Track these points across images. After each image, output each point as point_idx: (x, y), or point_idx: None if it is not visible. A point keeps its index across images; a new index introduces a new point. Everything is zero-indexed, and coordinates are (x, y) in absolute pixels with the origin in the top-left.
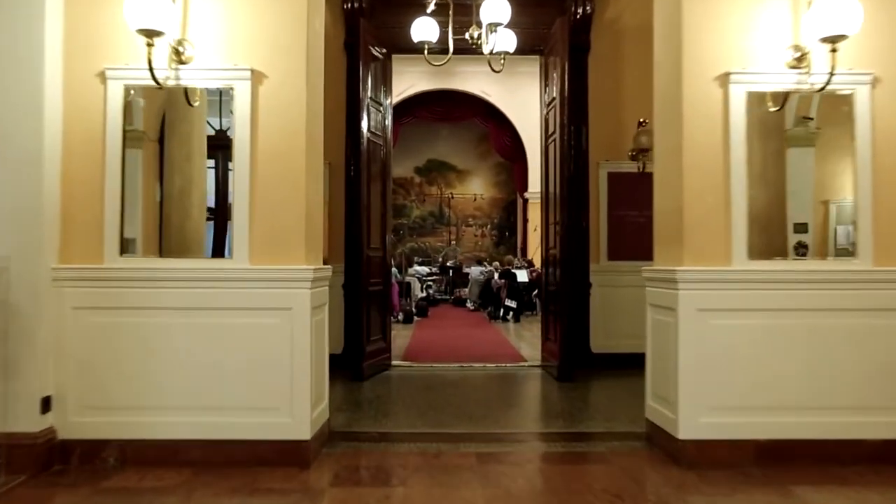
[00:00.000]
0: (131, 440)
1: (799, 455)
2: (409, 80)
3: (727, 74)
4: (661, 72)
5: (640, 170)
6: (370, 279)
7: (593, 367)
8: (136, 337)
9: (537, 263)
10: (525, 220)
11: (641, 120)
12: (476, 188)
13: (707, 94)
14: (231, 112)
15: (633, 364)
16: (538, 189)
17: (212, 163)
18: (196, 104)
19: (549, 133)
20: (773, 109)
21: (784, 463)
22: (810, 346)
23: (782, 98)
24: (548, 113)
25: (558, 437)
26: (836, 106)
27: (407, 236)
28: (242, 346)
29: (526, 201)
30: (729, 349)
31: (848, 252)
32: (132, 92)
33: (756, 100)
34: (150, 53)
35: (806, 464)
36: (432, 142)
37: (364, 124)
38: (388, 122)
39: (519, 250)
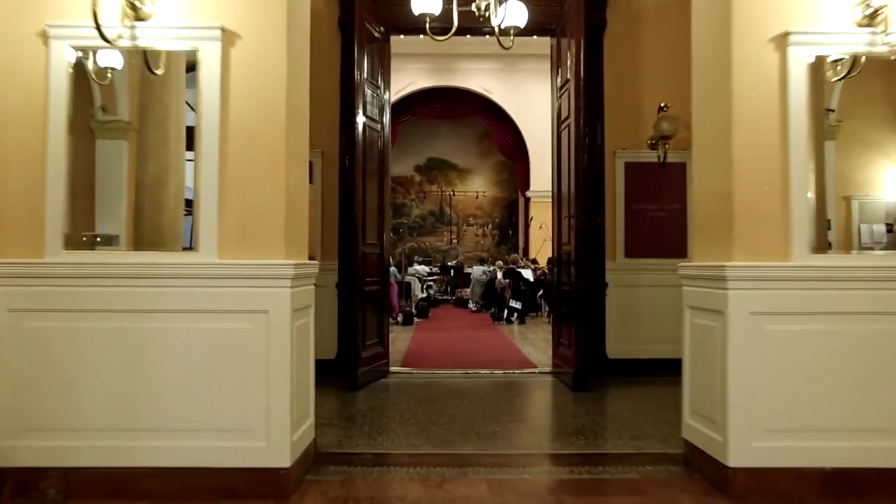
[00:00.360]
0: (76, 468)
1: (873, 487)
2: (409, 77)
3: (786, 35)
4: (702, 35)
5: (661, 159)
6: (366, 278)
7: (610, 375)
8: (81, 345)
9: (541, 262)
10: (527, 220)
11: (662, 104)
12: (477, 187)
13: (761, 58)
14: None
15: (652, 371)
16: (541, 187)
17: None
18: (159, 72)
19: (562, 119)
20: (835, 80)
21: (855, 496)
22: (886, 356)
23: (849, 64)
24: (560, 97)
25: (580, 460)
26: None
27: (407, 236)
28: (209, 356)
29: (528, 200)
30: (788, 360)
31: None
32: (109, 74)
33: (816, 67)
34: (94, 4)
35: (881, 497)
36: (433, 140)
37: (360, 109)
38: (387, 108)
39: (521, 250)
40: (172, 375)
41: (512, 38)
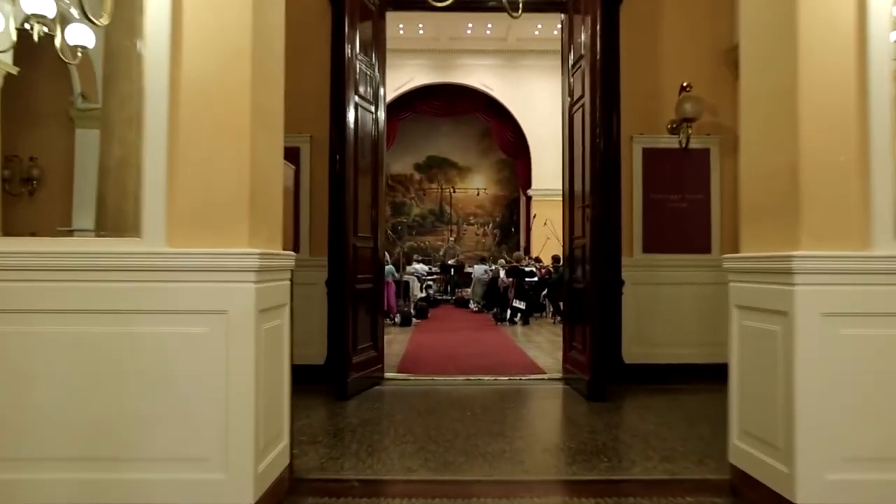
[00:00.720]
0: None
1: None
2: (408, 74)
3: None
4: None
5: (683, 145)
6: (358, 274)
7: (626, 382)
8: None
9: (545, 261)
10: (528, 219)
11: (685, 84)
12: (478, 185)
13: (833, 4)
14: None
15: (674, 378)
16: (543, 185)
17: None
18: (103, 21)
19: (575, 100)
20: None
21: None
22: None
23: None
24: (573, 75)
25: (606, 488)
26: None
27: (406, 235)
28: (153, 368)
29: (529, 198)
30: (870, 372)
31: None
32: (80, 53)
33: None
34: None
35: None
36: (433, 137)
37: (352, 88)
38: (382, 90)
39: (522, 249)
40: (107, 391)
41: (520, 7)
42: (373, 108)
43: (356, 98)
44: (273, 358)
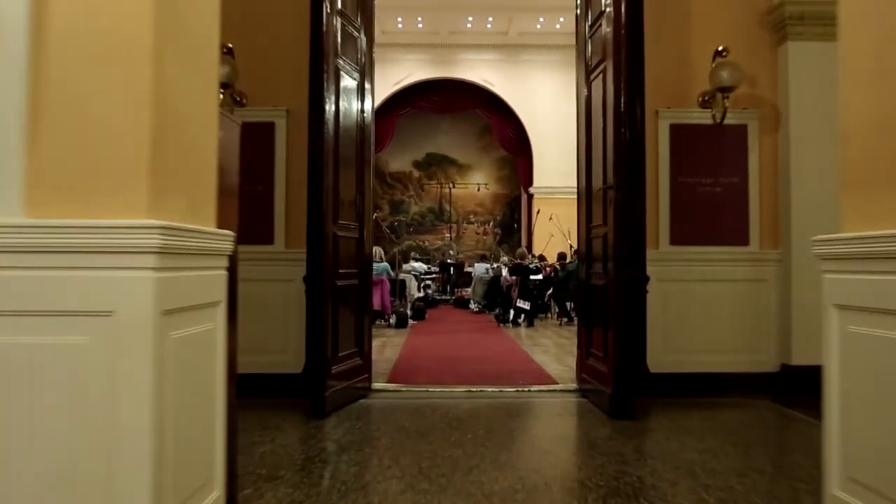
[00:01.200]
0: None
1: None
2: (406, 69)
3: None
4: None
5: (718, 119)
6: (339, 269)
7: (653, 394)
8: None
9: (549, 259)
10: (530, 217)
11: (720, 48)
12: (478, 183)
13: None
14: None
15: (707, 389)
16: (544, 183)
17: None
18: None
19: (593, 66)
20: None
21: None
22: None
23: None
24: (590, 38)
25: None
26: None
27: (405, 234)
28: (3, 399)
29: (531, 196)
30: None
31: None
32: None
33: None
34: None
35: None
36: (432, 135)
37: (332, 51)
38: (368, 60)
39: (524, 247)
40: None
41: None
42: (358, 76)
43: (338, 62)
44: (193, 379)
